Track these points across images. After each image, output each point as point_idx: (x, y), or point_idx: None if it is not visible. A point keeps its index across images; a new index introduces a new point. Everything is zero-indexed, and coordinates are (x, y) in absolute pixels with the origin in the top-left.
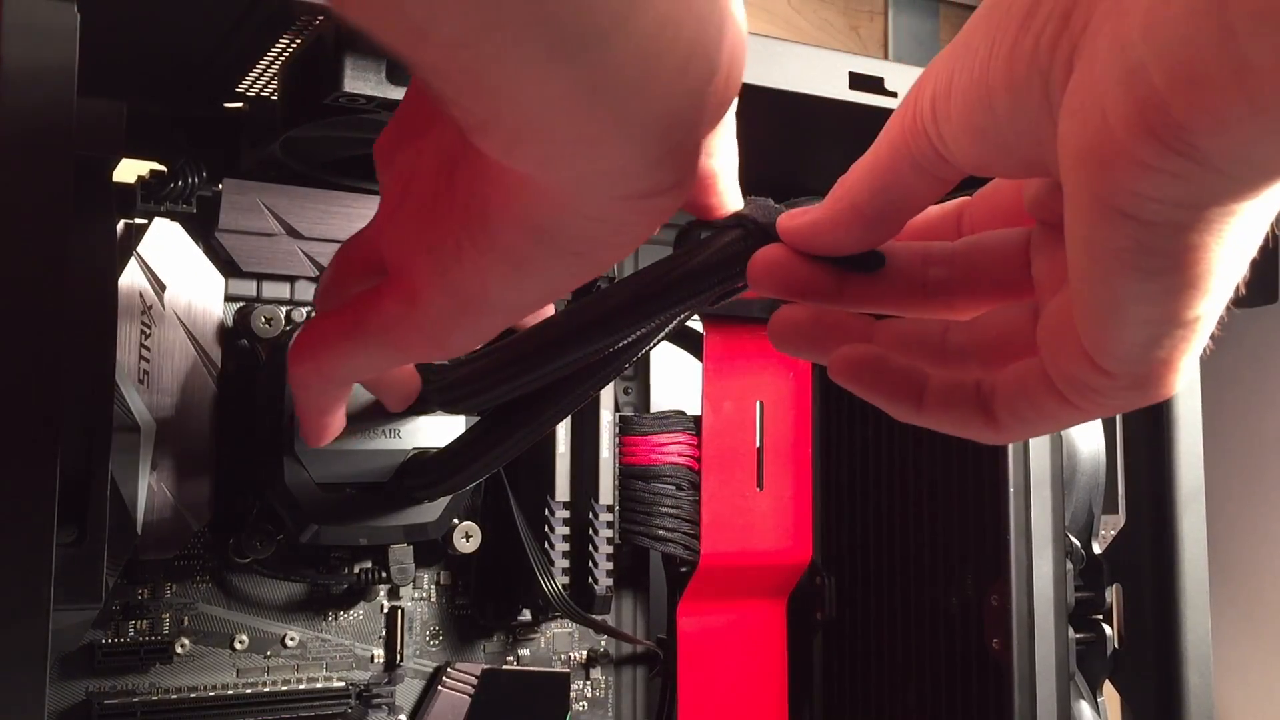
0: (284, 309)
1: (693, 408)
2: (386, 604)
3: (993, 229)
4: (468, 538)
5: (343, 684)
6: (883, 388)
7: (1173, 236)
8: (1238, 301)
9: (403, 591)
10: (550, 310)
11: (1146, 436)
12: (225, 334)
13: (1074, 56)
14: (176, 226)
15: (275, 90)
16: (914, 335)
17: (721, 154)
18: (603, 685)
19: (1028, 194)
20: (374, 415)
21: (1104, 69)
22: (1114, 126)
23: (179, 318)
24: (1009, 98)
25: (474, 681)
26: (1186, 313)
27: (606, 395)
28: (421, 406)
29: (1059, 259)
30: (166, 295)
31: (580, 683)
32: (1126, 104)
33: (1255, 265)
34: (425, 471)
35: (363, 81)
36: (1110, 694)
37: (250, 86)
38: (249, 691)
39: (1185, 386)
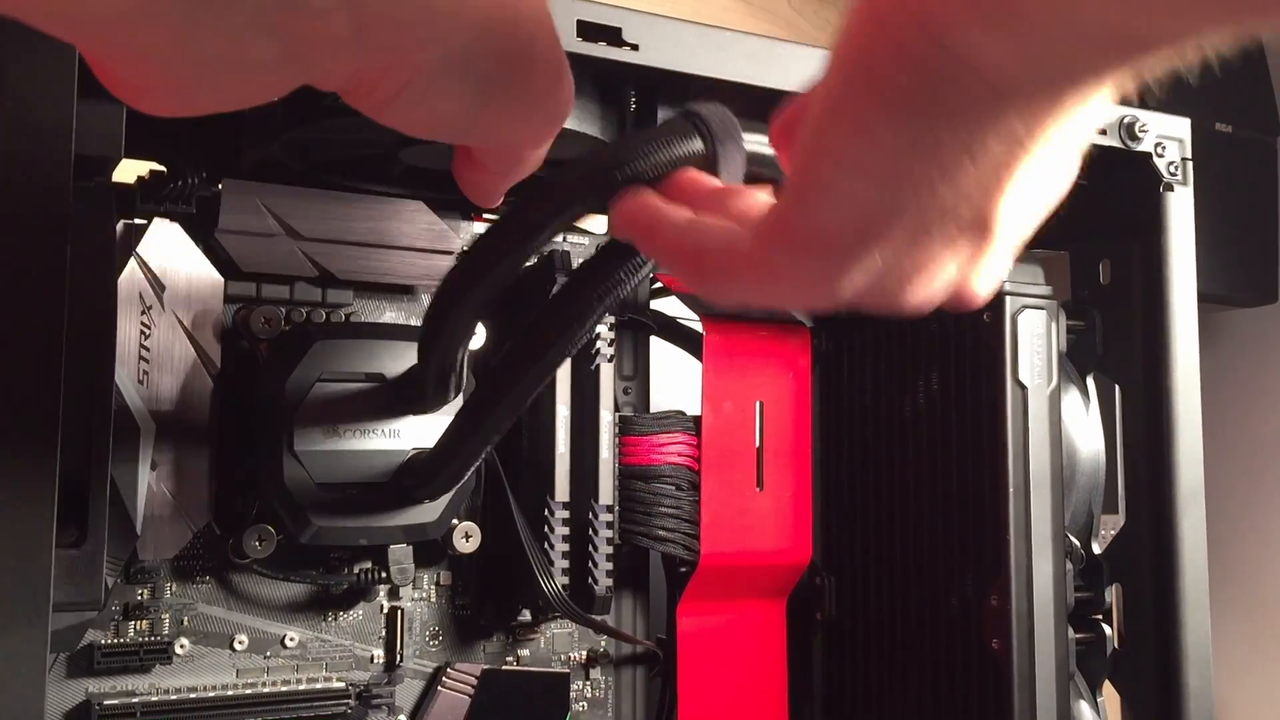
0: (283, 309)
1: (692, 408)
2: (386, 604)
3: None
4: (467, 538)
5: (342, 684)
6: (631, 216)
7: (905, 72)
8: (1238, 301)
9: (402, 592)
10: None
11: (1146, 436)
12: (225, 334)
13: None
14: (176, 227)
15: None
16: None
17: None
18: (602, 685)
19: None
20: (372, 415)
21: None
22: None
23: (178, 318)
24: None
25: (474, 682)
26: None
27: (606, 395)
28: (420, 407)
29: None
30: (166, 296)
31: (580, 683)
32: None
33: (1255, 265)
34: (419, 470)
35: None
36: (1110, 694)
37: None
38: (249, 692)
39: (1185, 385)
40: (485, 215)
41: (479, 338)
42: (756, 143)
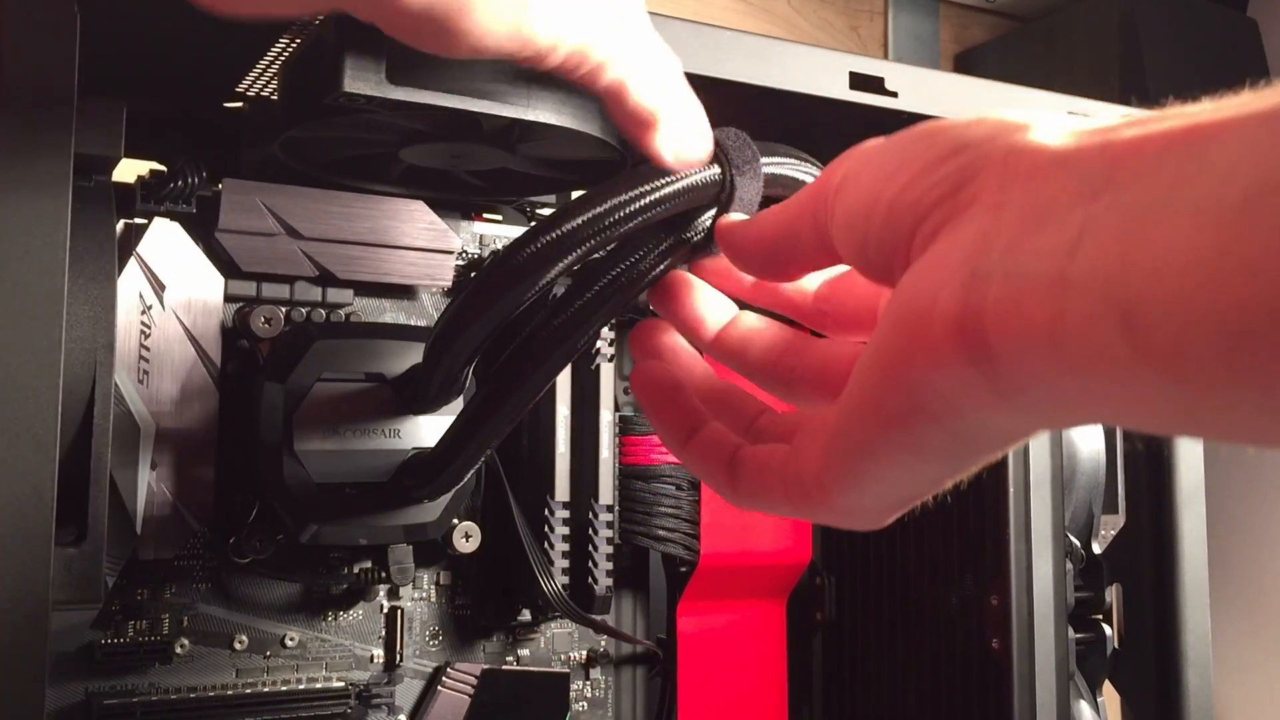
0: (283, 309)
1: None
2: (386, 604)
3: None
4: (467, 537)
5: (342, 684)
6: (664, 414)
7: (930, 427)
8: None
9: (402, 591)
10: None
11: (1145, 436)
12: (225, 334)
13: (946, 224)
14: (176, 226)
15: (275, 90)
16: (724, 399)
17: (621, 65)
18: (602, 685)
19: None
20: (373, 415)
21: (958, 257)
22: (936, 316)
23: (179, 318)
24: (885, 219)
25: (474, 682)
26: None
27: (606, 395)
28: (421, 407)
29: None
30: (166, 295)
31: (580, 683)
32: (957, 302)
33: None
34: (419, 471)
35: (362, 82)
36: (1110, 694)
37: (250, 86)
38: (248, 692)
39: None
40: (485, 216)
41: None
42: (771, 164)
